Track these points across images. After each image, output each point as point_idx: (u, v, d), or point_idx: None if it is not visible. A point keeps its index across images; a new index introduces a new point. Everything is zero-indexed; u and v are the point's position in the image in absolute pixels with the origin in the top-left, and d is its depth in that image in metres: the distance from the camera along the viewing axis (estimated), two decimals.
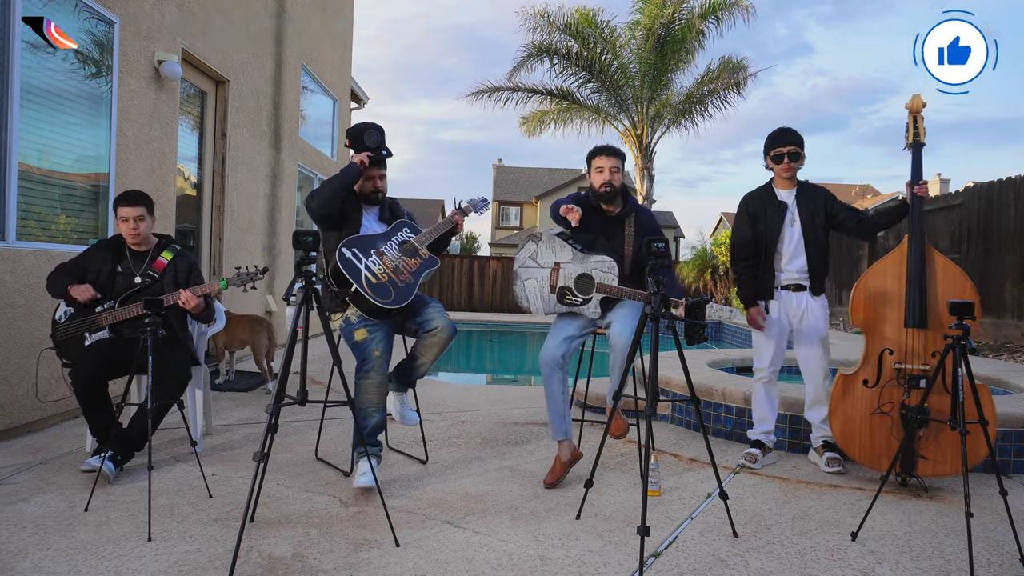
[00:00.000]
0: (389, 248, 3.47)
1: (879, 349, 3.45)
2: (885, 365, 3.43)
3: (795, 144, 3.74)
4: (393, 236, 3.52)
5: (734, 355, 6.33)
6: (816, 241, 3.73)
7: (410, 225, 3.62)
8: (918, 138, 3.53)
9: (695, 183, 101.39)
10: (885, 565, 2.56)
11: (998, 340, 8.09)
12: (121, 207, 3.56)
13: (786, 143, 3.75)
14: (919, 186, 3.49)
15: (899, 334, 3.42)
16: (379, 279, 3.36)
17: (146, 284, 3.59)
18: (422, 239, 3.55)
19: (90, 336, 3.51)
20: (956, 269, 3.44)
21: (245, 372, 6.35)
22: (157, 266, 3.64)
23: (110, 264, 3.59)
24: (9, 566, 2.37)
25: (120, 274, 3.59)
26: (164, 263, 3.67)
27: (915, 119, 3.55)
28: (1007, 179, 8.43)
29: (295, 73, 8.58)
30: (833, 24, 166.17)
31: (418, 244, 3.53)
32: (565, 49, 14.67)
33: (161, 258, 3.67)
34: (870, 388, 3.44)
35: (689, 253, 17.62)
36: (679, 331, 2.88)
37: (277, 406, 2.66)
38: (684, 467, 3.78)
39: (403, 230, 3.56)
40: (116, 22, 4.85)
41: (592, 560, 2.55)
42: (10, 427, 4.01)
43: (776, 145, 3.77)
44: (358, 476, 3.17)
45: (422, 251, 3.52)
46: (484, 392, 6.18)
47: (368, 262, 3.38)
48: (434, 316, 3.48)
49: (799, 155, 3.75)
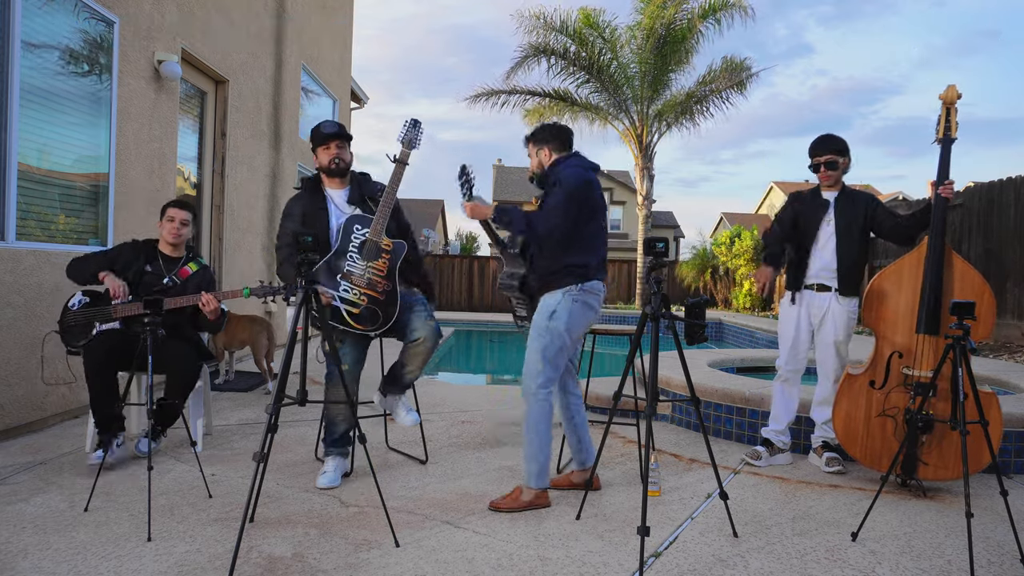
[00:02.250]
0: (352, 262, 3.26)
1: (888, 351, 3.41)
2: (893, 368, 3.40)
3: (832, 152, 3.73)
4: (348, 243, 3.28)
5: (734, 355, 6.33)
6: (849, 244, 3.69)
7: (360, 218, 3.33)
8: (949, 132, 3.36)
9: (695, 183, 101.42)
10: (885, 565, 2.56)
11: (998, 340, 8.10)
12: (171, 208, 3.80)
13: (823, 152, 3.75)
14: (944, 186, 3.36)
15: (910, 338, 3.37)
16: (359, 303, 3.22)
17: (171, 286, 3.70)
18: (377, 229, 3.27)
19: (99, 326, 3.57)
20: (975, 275, 3.33)
21: (245, 372, 6.35)
22: (182, 273, 3.77)
23: (141, 262, 3.71)
24: (9, 566, 2.37)
25: (149, 273, 3.71)
26: (189, 272, 3.81)
27: (948, 111, 3.36)
28: (1007, 179, 8.43)
29: (295, 73, 8.58)
30: (833, 24, 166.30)
31: (376, 238, 3.27)
32: (563, 49, 14.66)
33: (187, 267, 3.82)
34: (876, 390, 3.42)
35: (689, 253, 17.63)
36: (679, 331, 2.87)
37: (277, 406, 2.65)
38: (684, 467, 3.78)
39: (355, 227, 3.30)
40: (116, 22, 4.85)
41: (592, 560, 2.54)
42: (10, 427, 4.00)
43: (813, 155, 3.79)
44: (319, 475, 3.33)
45: (384, 243, 3.28)
46: (484, 392, 6.18)
47: (340, 293, 3.23)
48: (417, 325, 3.33)
49: (836, 163, 3.73)
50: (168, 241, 3.80)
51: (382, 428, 4.31)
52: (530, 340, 3.05)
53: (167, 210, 3.82)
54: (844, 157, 3.75)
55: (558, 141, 3.23)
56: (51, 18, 4.31)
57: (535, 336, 3.03)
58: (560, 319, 3.00)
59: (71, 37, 4.49)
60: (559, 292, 3.03)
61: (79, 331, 3.56)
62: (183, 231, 3.80)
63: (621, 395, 2.91)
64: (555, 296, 3.03)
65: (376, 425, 4.40)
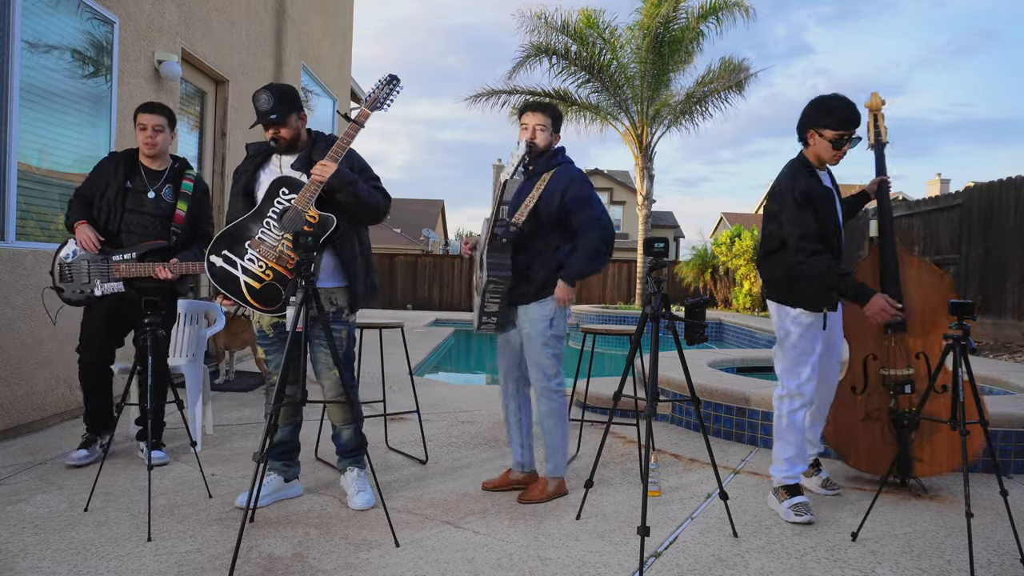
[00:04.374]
0: (266, 230, 2.84)
1: (863, 355, 3.42)
2: (871, 371, 3.40)
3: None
4: (269, 207, 2.85)
5: (734, 355, 6.33)
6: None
7: (289, 181, 2.88)
8: (880, 137, 3.41)
9: (695, 183, 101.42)
10: (885, 565, 2.56)
11: (998, 340, 8.09)
12: (141, 114, 3.41)
13: (855, 124, 2.99)
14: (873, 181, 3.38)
15: (882, 339, 3.38)
16: (263, 279, 2.82)
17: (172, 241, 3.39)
18: (305, 198, 2.80)
19: (101, 285, 3.35)
20: (930, 267, 3.37)
21: (245, 372, 6.35)
22: (177, 220, 3.48)
23: (120, 177, 3.40)
24: (9, 566, 2.37)
25: (130, 191, 3.39)
26: (182, 215, 3.49)
27: (875, 118, 3.43)
28: (1007, 179, 8.42)
29: (295, 73, 8.58)
30: (833, 24, 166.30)
31: (301, 207, 2.80)
32: (564, 49, 14.66)
33: (179, 211, 3.48)
34: (858, 395, 3.42)
35: (689, 253, 17.64)
36: (679, 331, 2.88)
37: (277, 406, 2.65)
38: (684, 467, 3.78)
39: (281, 191, 2.86)
40: (116, 22, 4.85)
41: (592, 560, 2.54)
42: (10, 427, 4.00)
43: (841, 126, 2.97)
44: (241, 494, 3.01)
45: (309, 214, 2.81)
46: (484, 392, 6.18)
47: (244, 262, 2.83)
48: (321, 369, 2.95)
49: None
50: (145, 153, 3.45)
51: (382, 428, 4.31)
52: (538, 347, 3.14)
53: (137, 116, 3.42)
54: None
55: (558, 130, 3.29)
56: (51, 18, 4.31)
57: (543, 344, 3.14)
58: (559, 327, 3.18)
59: (71, 37, 4.49)
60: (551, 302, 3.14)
61: (76, 287, 3.36)
62: (158, 138, 3.41)
63: (621, 395, 2.91)
64: (549, 305, 3.14)
65: (376, 425, 4.40)
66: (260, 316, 3.01)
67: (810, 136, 3.05)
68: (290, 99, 2.93)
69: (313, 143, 3.03)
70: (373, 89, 2.94)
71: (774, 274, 3.14)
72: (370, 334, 6.80)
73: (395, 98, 2.95)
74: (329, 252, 2.96)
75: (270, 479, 3.05)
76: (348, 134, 2.88)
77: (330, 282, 2.99)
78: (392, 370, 5.90)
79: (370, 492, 3.02)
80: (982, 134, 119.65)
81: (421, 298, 18.66)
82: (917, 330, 3.36)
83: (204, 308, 4.37)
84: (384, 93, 2.93)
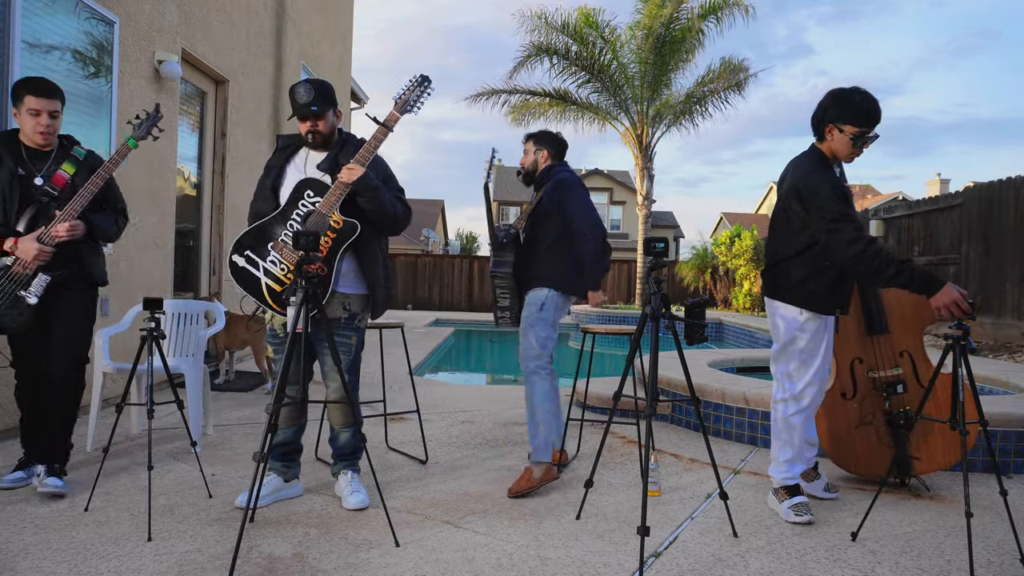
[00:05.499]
0: (290, 233, 2.84)
1: (848, 359, 3.40)
2: (859, 375, 3.40)
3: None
4: (293, 210, 2.83)
5: (734, 355, 6.33)
6: None
7: (315, 183, 2.84)
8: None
9: (695, 183, 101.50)
10: (885, 565, 2.56)
11: (998, 340, 8.09)
12: (30, 96, 2.86)
13: (876, 121, 2.89)
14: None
15: (864, 341, 3.38)
16: (284, 282, 2.82)
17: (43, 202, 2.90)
18: (330, 201, 2.77)
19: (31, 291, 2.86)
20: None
21: (245, 372, 6.35)
22: (56, 180, 2.94)
23: (11, 163, 2.91)
24: (9, 566, 2.37)
25: (22, 177, 2.90)
26: (65, 177, 2.96)
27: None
28: (1007, 179, 8.43)
29: (295, 73, 8.58)
30: (833, 25, 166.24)
31: (326, 211, 2.77)
32: (564, 49, 14.67)
33: (61, 171, 2.96)
34: (849, 400, 3.41)
35: (689, 253, 17.64)
36: (679, 331, 2.88)
37: (277, 406, 2.65)
38: (684, 467, 3.78)
39: (306, 193, 2.82)
40: (116, 22, 4.85)
41: (592, 560, 2.55)
42: (9, 427, 4.00)
43: (865, 123, 2.87)
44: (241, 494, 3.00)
45: (333, 219, 2.79)
46: (484, 392, 6.18)
47: (266, 264, 2.82)
48: (327, 371, 2.96)
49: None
50: (37, 143, 2.95)
51: (382, 428, 4.31)
52: (525, 327, 3.45)
53: (25, 98, 2.86)
54: None
55: (555, 149, 3.63)
56: (51, 18, 4.31)
57: (529, 325, 3.43)
58: (548, 312, 3.44)
59: (71, 37, 4.49)
60: (545, 289, 3.44)
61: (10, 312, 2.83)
62: (55, 125, 2.94)
63: (621, 395, 2.91)
64: (542, 291, 3.44)
65: (376, 425, 4.41)
66: (274, 316, 3.02)
67: (828, 131, 2.93)
68: (328, 94, 2.92)
69: (342, 145, 3.00)
70: (403, 90, 2.88)
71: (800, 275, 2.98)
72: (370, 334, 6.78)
73: (426, 100, 2.91)
74: (351, 257, 2.95)
75: (270, 479, 3.06)
76: (376, 138, 2.85)
77: (351, 288, 2.99)
78: (392, 370, 5.90)
79: (364, 492, 3.02)
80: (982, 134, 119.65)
81: (421, 298, 18.67)
82: (898, 328, 3.36)
83: (204, 308, 4.37)
84: (416, 95, 2.88)
